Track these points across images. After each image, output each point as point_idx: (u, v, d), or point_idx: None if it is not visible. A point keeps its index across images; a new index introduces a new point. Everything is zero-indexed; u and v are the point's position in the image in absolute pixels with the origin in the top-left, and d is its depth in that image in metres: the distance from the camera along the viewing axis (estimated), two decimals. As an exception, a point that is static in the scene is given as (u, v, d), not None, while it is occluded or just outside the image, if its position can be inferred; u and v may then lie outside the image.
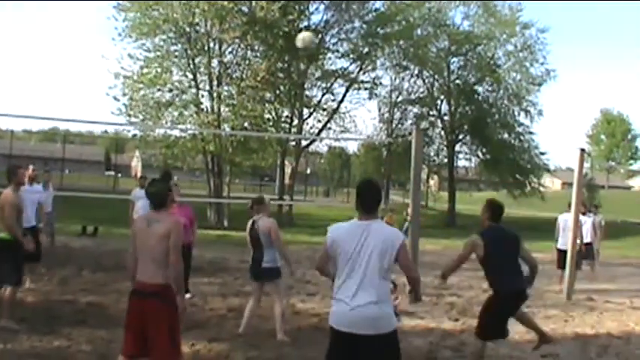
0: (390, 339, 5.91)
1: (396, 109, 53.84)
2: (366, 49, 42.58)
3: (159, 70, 36.88)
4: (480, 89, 53.73)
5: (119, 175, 68.43)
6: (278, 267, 10.50)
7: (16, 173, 10.55)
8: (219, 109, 36.66)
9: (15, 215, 10.31)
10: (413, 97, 53.66)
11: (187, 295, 13.00)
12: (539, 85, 52.89)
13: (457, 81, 53.19)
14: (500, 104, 53.25)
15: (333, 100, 43.43)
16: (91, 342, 9.60)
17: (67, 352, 9.10)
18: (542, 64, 52.36)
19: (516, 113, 53.27)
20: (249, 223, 10.53)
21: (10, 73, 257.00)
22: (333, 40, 42.43)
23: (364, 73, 44.45)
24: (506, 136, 52.90)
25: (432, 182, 69.03)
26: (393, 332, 5.94)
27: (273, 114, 39.61)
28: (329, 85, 42.82)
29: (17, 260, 10.45)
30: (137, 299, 6.90)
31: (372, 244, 5.92)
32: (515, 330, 9.72)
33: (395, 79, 53.04)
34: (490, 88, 53.50)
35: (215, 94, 36.86)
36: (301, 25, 39.76)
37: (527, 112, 52.79)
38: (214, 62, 37.34)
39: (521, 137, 52.88)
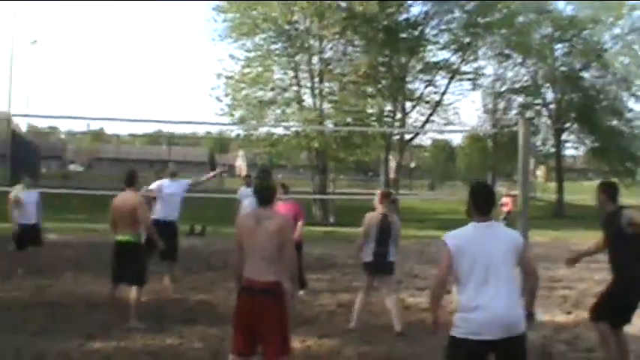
0: (523, 339, 5.77)
1: (500, 99, 53.02)
2: (468, 40, 41.92)
3: (260, 69, 37.12)
4: (586, 75, 52.11)
5: (224, 175, 69.10)
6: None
7: (137, 177, 10.91)
8: (321, 106, 36.67)
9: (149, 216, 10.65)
10: (517, 86, 52.55)
11: (301, 292, 13.04)
12: (650, 68, 51.10)
13: (562, 68, 51.71)
14: (608, 90, 51.58)
15: (436, 93, 42.92)
16: (203, 339, 9.66)
17: (179, 350, 9.18)
18: (652, 45, 50.63)
19: (625, 98, 51.65)
20: (380, 216, 10.46)
21: (115, 77, 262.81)
22: (434, 32, 41.86)
23: (466, 64, 43.79)
24: (615, 122, 51.11)
25: (539, 172, 67.93)
26: (524, 332, 5.79)
27: (376, 108, 39.34)
28: (431, 77, 42.39)
29: (142, 261, 10.70)
30: (247, 297, 6.86)
31: (499, 247, 5.76)
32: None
33: (498, 68, 52.27)
34: (597, 74, 51.67)
35: (317, 91, 36.89)
36: (400, 18, 39.55)
37: (637, 97, 51.18)
38: (315, 59, 37.36)
39: (632, 123, 51.36)
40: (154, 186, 13.45)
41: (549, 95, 52.94)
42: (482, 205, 5.95)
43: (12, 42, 78.78)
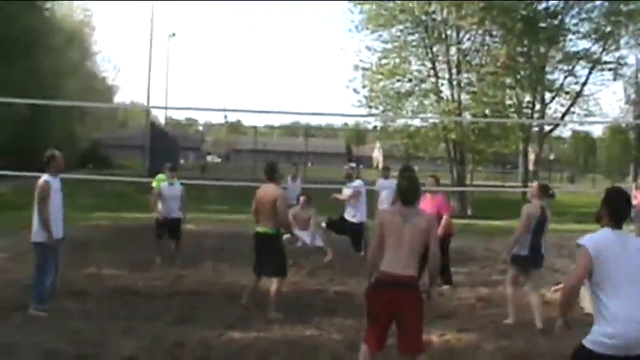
0: None
1: (643, 90, 51.49)
2: (609, 28, 40.69)
3: (397, 60, 37.03)
4: None
5: (361, 166, 69.41)
6: None
7: (277, 170, 11.09)
8: (459, 97, 36.33)
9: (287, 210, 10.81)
10: (661, 76, 50.99)
11: (445, 287, 12.99)
12: None
13: None
14: None
15: (576, 83, 41.78)
16: (341, 331, 9.71)
17: (318, 341, 9.22)
18: None
19: None
20: (539, 209, 10.35)
21: (252, 69, 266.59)
22: (574, 21, 40.78)
23: (607, 54, 42.40)
24: None
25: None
26: None
27: (515, 99, 38.74)
28: (571, 67, 41.39)
29: (281, 253, 10.84)
30: (388, 290, 6.87)
31: (636, 258, 5.45)
32: None
33: (641, 57, 50.61)
34: None
35: (455, 82, 36.58)
36: (539, 7, 38.81)
37: None
38: (452, 50, 37.03)
39: None
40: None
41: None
42: (617, 213, 5.64)
43: (151, 35, 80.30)
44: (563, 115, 41.12)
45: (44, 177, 10.27)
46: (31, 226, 10.33)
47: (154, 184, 16.40)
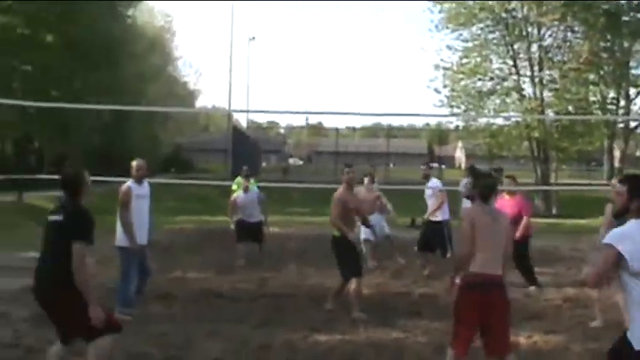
0: None
1: None
2: (696, 20, 39.84)
3: (478, 59, 36.79)
4: None
5: (443, 166, 69.03)
6: None
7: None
8: (541, 95, 35.91)
9: (340, 213, 10.73)
10: None
11: (532, 288, 12.85)
12: None
13: None
14: None
15: (662, 77, 41.05)
16: (427, 333, 9.65)
17: (404, 343, 9.18)
18: None
19: None
20: None
21: (333, 70, 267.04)
22: (659, 14, 40.10)
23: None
24: None
25: None
26: None
27: (598, 96, 38.10)
28: (656, 62, 40.52)
29: (354, 253, 10.80)
30: (482, 292, 6.83)
31: None
32: None
33: None
34: None
35: (537, 80, 36.16)
36: (622, 1, 38.11)
37: None
38: (534, 47, 36.61)
39: None
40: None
41: None
42: None
43: (231, 39, 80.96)
44: (649, 110, 40.33)
45: (127, 183, 10.48)
46: (115, 231, 10.53)
47: (234, 187, 16.61)
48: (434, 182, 15.43)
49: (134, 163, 10.65)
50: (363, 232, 14.65)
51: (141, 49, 52.65)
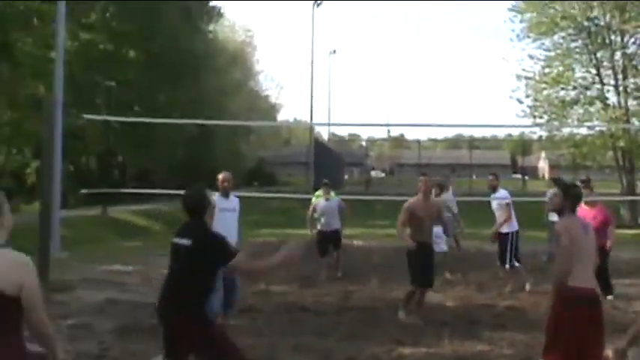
0: None
1: None
2: None
3: (561, 68, 36.37)
4: None
5: (526, 177, 68.38)
6: None
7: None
8: (626, 103, 35.36)
9: (406, 220, 10.83)
10: None
11: (609, 297, 12.63)
12: None
13: None
14: None
15: None
16: (512, 346, 9.58)
17: (489, 356, 9.14)
18: None
19: None
20: None
21: (413, 83, 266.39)
22: None
23: None
24: None
25: None
26: None
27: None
28: None
29: (423, 262, 10.91)
30: (590, 307, 6.74)
31: None
32: None
33: None
34: None
35: (621, 88, 35.62)
36: None
37: None
38: (617, 55, 36.04)
39: None
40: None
41: None
42: None
43: (312, 53, 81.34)
44: None
45: (213, 196, 10.60)
46: None
47: (313, 200, 16.71)
48: (501, 193, 15.19)
49: (220, 176, 10.75)
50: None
51: (222, 63, 53.32)
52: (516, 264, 14.24)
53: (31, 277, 3.85)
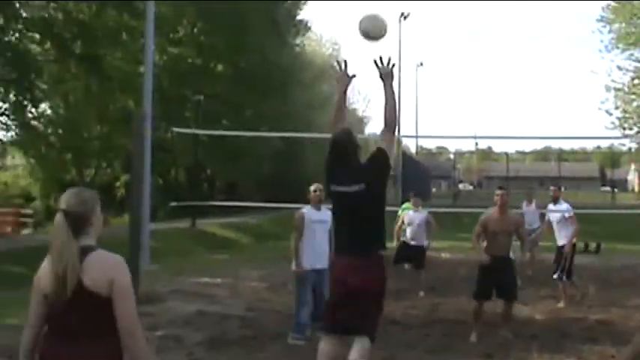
0: None
1: None
2: None
3: (652, 79, 35.90)
4: None
5: (615, 190, 67.22)
6: None
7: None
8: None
9: (480, 233, 10.78)
10: None
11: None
12: None
13: None
14: None
15: None
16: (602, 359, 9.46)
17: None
18: None
19: None
20: None
21: (502, 95, 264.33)
22: None
23: None
24: None
25: None
26: None
27: None
28: None
29: (484, 275, 10.75)
30: None
31: None
32: None
33: None
34: None
35: None
36: None
37: None
38: None
39: None
40: None
41: None
42: None
43: (399, 65, 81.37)
44: None
45: (303, 209, 10.62)
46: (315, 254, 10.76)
47: (400, 213, 16.60)
48: (563, 205, 14.77)
49: (312, 188, 10.75)
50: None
51: (310, 77, 53.53)
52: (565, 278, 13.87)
53: (122, 275, 3.89)
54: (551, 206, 14.66)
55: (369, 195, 6.42)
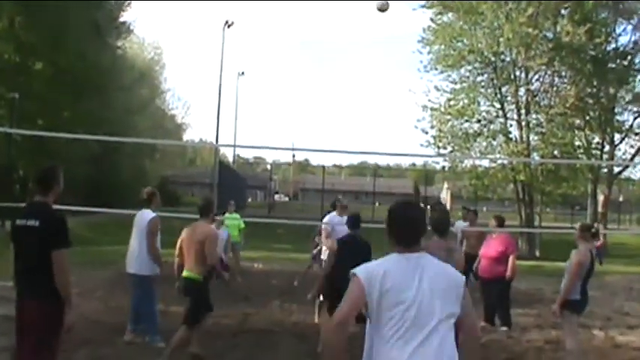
0: None
1: None
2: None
3: (466, 101, 37.09)
4: None
5: (428, 207, 69.13)
6: None
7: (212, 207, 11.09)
8: (528, 138, 36.23)
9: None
10: None
11: (503, 328, 12.77)
12: None
13: None
14: None
15: (647, 124, 41.32)
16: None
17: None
18: None
19: None
20: (587, 254, 9.79)
21: (319, 108, 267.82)
22: (644, 62, 40.46)
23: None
24: None
25: None
26: None
27: (584, 141, 38.44)
28: (641, 108, 40.85)
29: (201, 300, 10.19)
30: None
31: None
32: None
33: None
34: None
35: (523, 123, 36.47)
36: (609, 48, 38.64)
37: None
38: (521, 90, 37.05)
39: None
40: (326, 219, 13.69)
41: None
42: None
43: (220, 74, 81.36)
44: (633, 156, 40.62)
45: (151, 213, 10.46)
46: (129, 259, 10.72)
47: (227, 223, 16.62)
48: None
49: (153, 192, 10.78)
50: None
51: (130, 80, 52.85)
52: None
53: None
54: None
55: None
